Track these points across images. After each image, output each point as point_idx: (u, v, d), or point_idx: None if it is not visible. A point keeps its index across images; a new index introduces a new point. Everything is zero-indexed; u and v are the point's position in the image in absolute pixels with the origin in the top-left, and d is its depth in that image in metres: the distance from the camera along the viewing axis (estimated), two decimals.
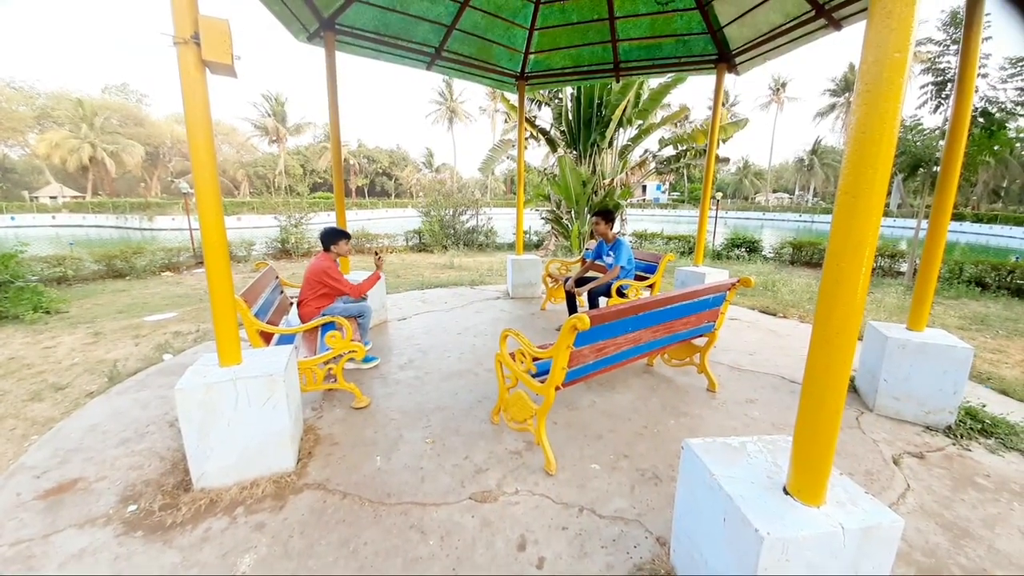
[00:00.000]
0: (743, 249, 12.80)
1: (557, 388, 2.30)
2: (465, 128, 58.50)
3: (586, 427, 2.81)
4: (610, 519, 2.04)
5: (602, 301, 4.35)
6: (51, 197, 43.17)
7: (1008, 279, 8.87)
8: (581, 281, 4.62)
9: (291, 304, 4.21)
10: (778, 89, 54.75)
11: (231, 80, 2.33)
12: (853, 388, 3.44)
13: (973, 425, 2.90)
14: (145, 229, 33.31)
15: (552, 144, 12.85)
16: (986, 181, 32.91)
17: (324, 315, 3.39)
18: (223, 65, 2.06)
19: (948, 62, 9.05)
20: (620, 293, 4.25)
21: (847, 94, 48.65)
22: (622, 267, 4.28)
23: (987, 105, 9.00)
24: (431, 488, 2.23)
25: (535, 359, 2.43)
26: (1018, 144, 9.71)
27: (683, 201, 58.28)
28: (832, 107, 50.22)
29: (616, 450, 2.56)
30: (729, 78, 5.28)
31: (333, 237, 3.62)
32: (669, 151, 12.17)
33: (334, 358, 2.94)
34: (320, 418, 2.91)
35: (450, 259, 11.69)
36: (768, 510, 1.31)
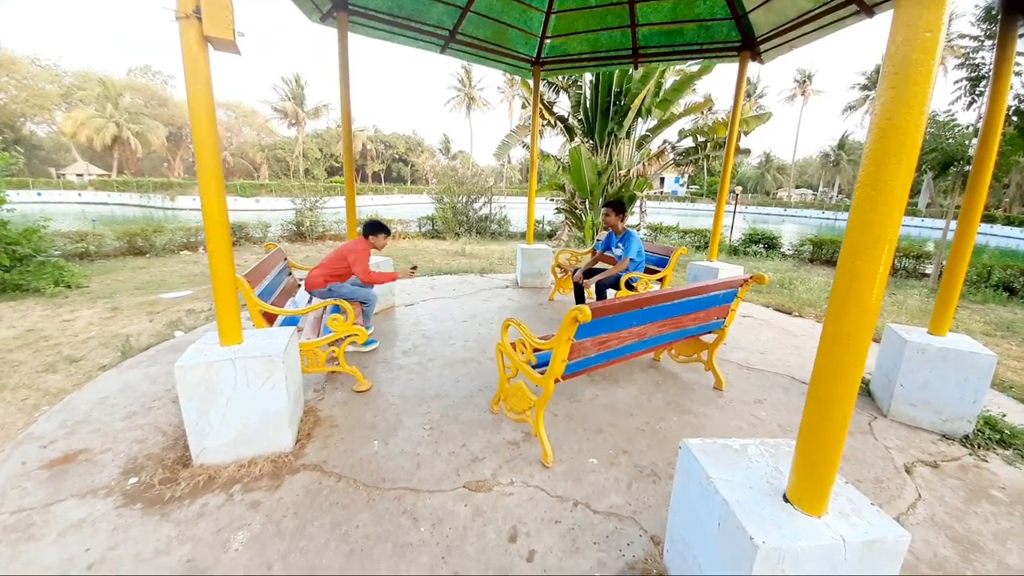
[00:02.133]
0: (761, 245, 12.50)
1: (557, 380, 2.26)
2: (483, 115, 58.06)
3: (586, 420, 2.76)
4: (604, 515, 2.01)
5: (610, 293, 4.27)
6: (77, 175, 44.35)
7: None
8: (590, 272, 4.54)
9: (299, 286, 4.23)
10: (804, 81, 52.88)
11: (252, 63, 2.31)
12: (867, 392, 3.33)
13: (992, 435, 2.78)
14: (167, 208, 34.03)
15: (570, 132, 12.63)
16: (1019, 183, 31.50)
17: (331, 293, 3.53)
18: (225, 41, 2.02)
19: (983, 58, 8.57)
20: (629, 286, 4.16)
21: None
22: (632, 259, 4.19)
23: (1021, 104, 8.53)
24: (426, 474, 2.22)
25: (536, 350, 2.39)
26: None
27: (702, 195, 57.18)
28: (865, 99, 48.37)
29: (615, 445, 2.52)
30: (752, 68, 5.07)
31: (375, 229, 3.79)
32: (688, 142, 11.87)
33: (336, 341, 2.94)
34: (321, 400, 2.93)
35: (462, 246, 11.67)
36: (766, 517, 1.25)
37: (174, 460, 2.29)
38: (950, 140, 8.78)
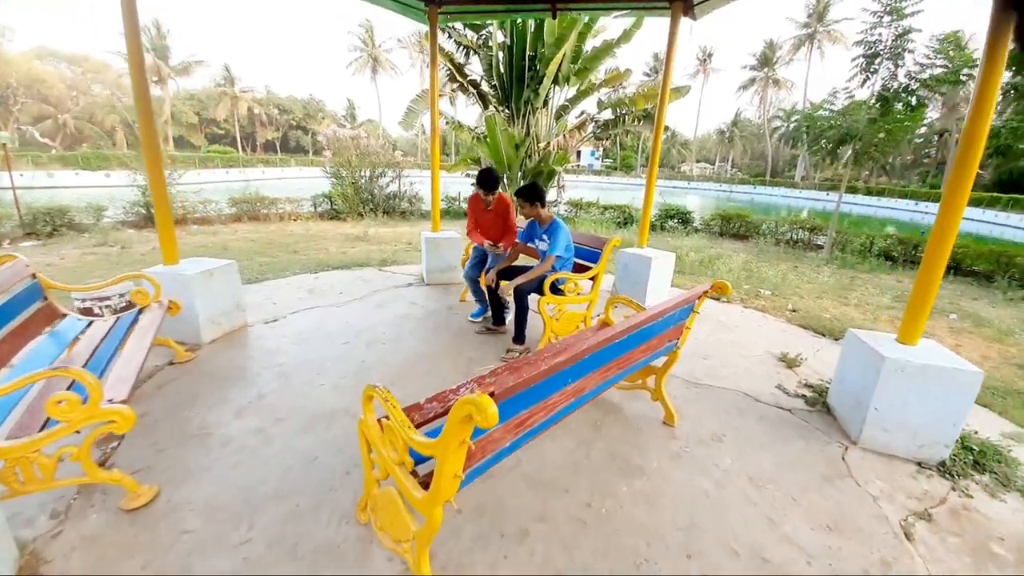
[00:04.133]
0: (676, 220, 12.60)
1: (448, 502, 1.32)
2: (391, 79, 53.53)
3: (503, 514, 1.88)
4: None
5: (533, 299, 3.41)
6: None
7: (914, 253, 9.32)
8: (507, 272, 3.63)
9: (64, 315, 2.78)
10: (705, 59, 55.98)
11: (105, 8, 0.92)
12: (824, 405, 2.87)
13: (965, 458, 2.41)
14: None
15: (484, 100, 11.41)
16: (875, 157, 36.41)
17: None
18: None
19: (879, 34, 8.93)
20: (555, 289, 3.32)
21: (765, 69, 50.99)
22: (558, 256, 3.35)
23: (910, 81, 9.06)
24: None
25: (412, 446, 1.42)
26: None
27: (615, 168, 59.19)
28: (753, 80, 52.45)
29: (549, 561, 1.67)
30: (663, 44, 4.32)
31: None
32: (607, 114, 11.32)
33: (75, 434, 1.70)
34: (57, 535, 1.70)
35: (364, 229, 10.16)
36: None
37: None
38: (846, 119, 9.11)
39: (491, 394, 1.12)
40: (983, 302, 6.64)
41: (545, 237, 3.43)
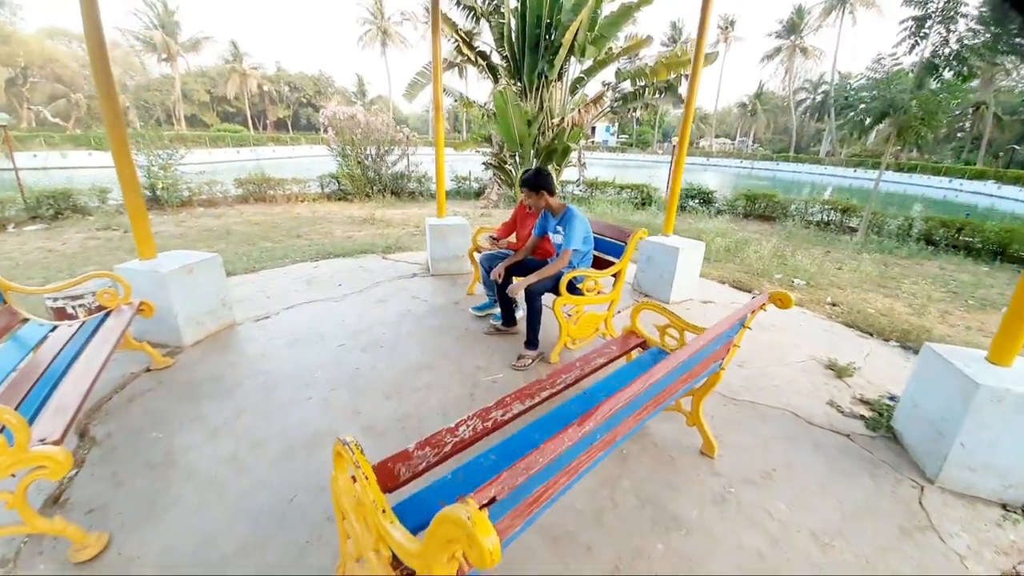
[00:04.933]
0: (697, 201, 11.96)
1: None
2: (401, 53, 52.04)
3: None
4: None
5: (547, 297, 3.02)
6: None
7: (956, 236, 8.62)
8: (518, 267, 3.23)
9: (25, 320, 2.49)
10: (726, 28, 53.01)
11: None
12: (889, 431, 2.46)
13: None
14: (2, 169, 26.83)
15: (493, 72, 10.76)
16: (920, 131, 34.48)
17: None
18: None
19: None
20: (573, 289, 2.93)
21: (792, 37, 48.16)
22: (575, 250, 2.94)
23: (962, 48, 8.19)
24: None
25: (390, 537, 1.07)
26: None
27: (631, 144, 57.36)
28: (777, 50, 49.63)
29: None
30: (676, 13, 3.74)
31: None
32: (627, 86, 10.57)
33: (10, 477, 1.41)
34: None
35: (371, 211, 9.80)
36: None
37: None
38: (891, 87, 8.30)
39: (491, 500, 0.76)
40: None
41: (560, 228, 3.02)
